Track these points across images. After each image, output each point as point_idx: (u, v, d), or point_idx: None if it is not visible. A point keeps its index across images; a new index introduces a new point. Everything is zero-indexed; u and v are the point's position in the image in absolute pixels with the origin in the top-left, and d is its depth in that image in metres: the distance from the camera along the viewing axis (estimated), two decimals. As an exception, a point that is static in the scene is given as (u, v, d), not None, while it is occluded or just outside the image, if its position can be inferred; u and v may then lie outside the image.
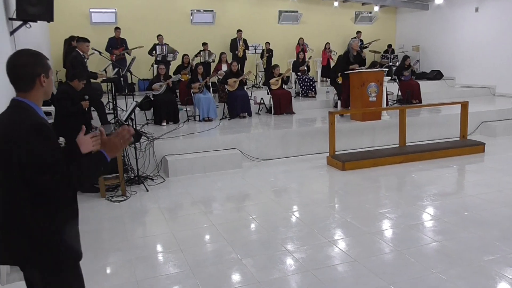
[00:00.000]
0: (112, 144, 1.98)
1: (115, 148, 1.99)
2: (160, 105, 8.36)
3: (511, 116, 9.37)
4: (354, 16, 15.44)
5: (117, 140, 1.98)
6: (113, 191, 5.79)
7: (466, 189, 5.74)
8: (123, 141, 2.00)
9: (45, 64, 1.96)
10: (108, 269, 3.71)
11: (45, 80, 1.94)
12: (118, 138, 1.99)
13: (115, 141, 1.98)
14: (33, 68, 1.91)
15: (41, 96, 1.97)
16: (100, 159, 1.95)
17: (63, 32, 10.47)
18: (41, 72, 1.92)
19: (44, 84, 1.94)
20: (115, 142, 1.98)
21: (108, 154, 1.96)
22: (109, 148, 1.97)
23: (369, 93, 8.24)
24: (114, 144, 1.98)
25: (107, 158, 1.96)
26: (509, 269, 3.42)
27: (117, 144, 1.98)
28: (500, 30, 12.04)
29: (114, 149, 1.99)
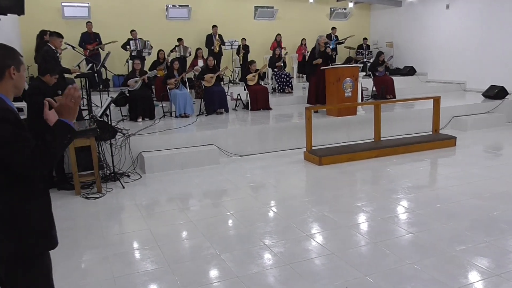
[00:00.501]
0: (66, 108, 1.95)
1: (70, 110, 1.96)
2: (135, 101, 8.26)
3: (481, 110, 9.67)
4: (329, 12, 15.57)
5: (68, 101, 1.95)
6: (88, 188, 5.70)
7: (438, 181, 5.90)
8: (75, 100, 1.96)
9: (16, 58, 1.96)
10: (85, 267, 3.66)
11: (15, 73, 1.94)
12: (69, 99, 1.95)
13: (67, 103, 1.95)
14: (3, 59, 1.92)
15: (10, 88, 1.95)
16: (62, 126, 1.93)
17: (35, 27, 10.19)
18: (11, 64, 1.92)
19: (13, 77, 1.94)
20: (67, 104, 1.95)
21: (67, 119, 1.95)
22: (66, 113, 1.95)
23: (344, 89, 8.34)
24: (67, 107, 1.95)
25: (68, 123, 1.94)
26: (479, 258, 3.54)
27: (70, 105, 1.95)
28: (470, 27, 12.36)
29: (70, 111, 1.96)
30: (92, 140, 5.54)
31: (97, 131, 5.61)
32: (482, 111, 9.66)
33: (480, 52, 12.07)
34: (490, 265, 3.42)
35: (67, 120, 1.95)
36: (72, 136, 1.98)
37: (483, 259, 3.51)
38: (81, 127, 5.59)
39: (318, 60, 8.83)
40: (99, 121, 5.96)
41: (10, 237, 1.89)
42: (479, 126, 9.12)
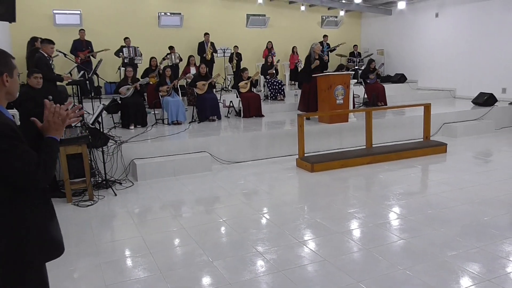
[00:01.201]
0: (53, 125, 1.95)
1: (58, 128, 1.96)
2: (127, 108, 8.24)
3: (470, 117, 9.78)
4: (320, 20, 15.70)
5: (56, 119, 1.95)
6: (80, 195, 5.66)
7: (429, 188, 5.94)
8: (62, 118, 1.96)
9: (8, 63, 1.91)
10: (76, 274, 3.63)
11: (8, 79, 1.89)
12: (56, 117, 1.95)
13: (54, 121, 1.95)
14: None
15: (3, 96, 1.91)
16: (52, 143, 1.93)
17: (26, 34, 10.17)
18: (3, 71, 1.87)
19: (6, 84, 1.89)
20: (54, 121, 1.95)
21: (54, 135, 1.95)
22: (53, 130, 1.95)
23: (336, 96, 8.39)
24: (54, 124, 1.95)
25: (55, 139, 1.95)
26: (470, 263, 3.57)
27: (57, 123, 1.95)
28: (459, 35, 12.53)
29: (57, 129, 1.96)
30: (83, 147, 5.51)
31: (88, 138, 5.58)
32: (471, 118, 9.78)
33: (470, 59, 12.24)
34: (481, 270, 3.45)
35: (55, 136, 1.96)
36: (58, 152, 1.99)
37: (474, 265, 3.54)
38: (72, 135, 5.57)
39: (316, 62, 8.87)
40: (91, 128, 5.94)
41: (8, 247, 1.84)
42: (469, 133, 9.22)
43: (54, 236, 2.01)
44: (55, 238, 2.01)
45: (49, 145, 1.93)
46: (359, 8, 14.93)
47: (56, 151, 1.95)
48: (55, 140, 1.96)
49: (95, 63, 10.13)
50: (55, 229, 2.03)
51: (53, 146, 1.94)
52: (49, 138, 1.95)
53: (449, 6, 12.87)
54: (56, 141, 1.96)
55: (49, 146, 1.93)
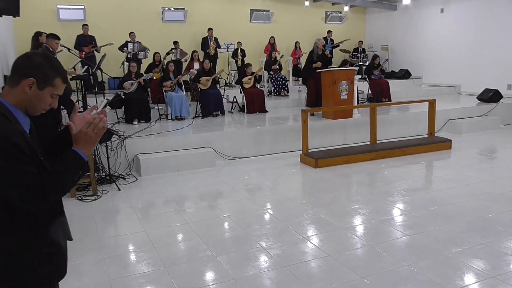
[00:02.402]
0: (85, 137, 1.66)
1: (90, 141, 1.67)
2: (131, 103, 8.24)
3: (475, 114, 9.72)
4: (324, 16, 15.63)
5: (90, 130, 1.67)
6: (84, 190, 5.68)
7: (434, 184, 5.92)
8: (98, 132, 1.68)
9: (46, 74, 1.66)
10: (80, 269, 3.63)
11: (32, 87, 1.64)
12: (91, 128, 1.67)
13: (88, 132, 1.66)
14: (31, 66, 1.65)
15: (21, 102, 1.66)
16: (75, 159, 1.65)
17: (29, 28, 10.15)
18: (33, 75, 1.64)
19: (28, 90, 1.64)
20: (88, 134, 1.66)
21: (82, 151, 1.66)
22: (83, 143, 1.67)
23: (340, 92, 8.36)
24: (87, 136, 1.67)
25: (82, 156, 1.66)
26: (475, 260, 3.55)
27: (91, 136, 1.67)
28: (464, 30, 12.45)
29: (89, 143, 1.67)
30: (87, 142, 5.50)
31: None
32: (476, 114, 9.72)
33: (475, 55, 12.16)
34: (486, 267, 3.43)
35: (81, 152, 1.66)
36: (83, 174, 1.68)
37: (478, 261, 3.53)
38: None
39: (317, 63, 8.83)
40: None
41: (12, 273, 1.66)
42: (474, 129, 9.17)
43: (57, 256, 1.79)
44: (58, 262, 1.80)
45: (69, 161, 1.64)
46: (364, 3, 14.85)
47: (73, 171, 1.64)
48: (78, 157, 1.65)
49: (99, 58, 10.12)
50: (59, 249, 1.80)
51: (73, 163, 1.64)
52: (75, 153, 1.66)
53: (454, 1, 12.78)
54: (80, 157, 1.66)
55: (69, 162, 1.64)
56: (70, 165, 1.64)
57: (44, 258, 1.72)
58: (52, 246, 1.75)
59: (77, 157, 1.66)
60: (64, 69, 1.76)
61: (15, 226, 1.65)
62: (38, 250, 1.70)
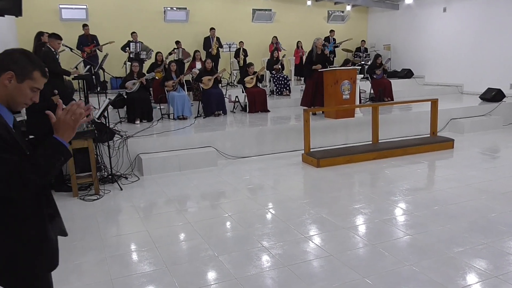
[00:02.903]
0: (63, 124, 1.71)
1: (68, 128, 1.71)
2: (133, 103, 8.25)
3: (478, 113, 9.70)
4: (327, 15, 15.61)
5: (68, 117, 1.70)
6: (86, 190, 5.69)
7: (436, 184, 5.90)
8: (75, 118, 1.72)
9: (24, 68, 1.72)
10: (82, 268, 3.64)
11: (12, 81, 1.70)
12: (69, 115, 1.71)
13: (66, 119, 1.70)
14: (9, 61, 1.71)
15: (3, 97, 1.72)
16: (55, 144, 1.69)
17: (32, 28, 10.16)
18: (11, 69, 1.70)
19: (7, 83, 1.70)
20: (66, 120, 1.70)
21: (62, 138, 1.70)
22: (62, 130, 1.71)
23: (342, 91, 8.35)
24: (65, 123, 1.71)
25: (62, 142, 1.70)
26: (477, 260, 3.54)
27: (69, 123, 1.71)
28: (467, 30, 12.41)
29: (68, 129, 1.71)
30: (89, 142, 5.53)
31: (95, 133, 5.60)
32: (479, 113, 9.69)
33: (477, 55, 12.12)
34: (488, 266, 3.42)
35: (61, 138, 1.70)
36: (65, 159, 1.72)
37: (481, 261, 3.52)
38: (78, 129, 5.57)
39: (317, 66, 8.81)
40: (97, 123, 5.95)
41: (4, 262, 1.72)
42: (477, 129, 9.14)
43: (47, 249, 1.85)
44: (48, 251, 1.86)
45: (51, 147, 1.69)
46: (366, 2, 14.83)
47: (55, 157, 1.69)
48: (58, 142, 1.70)
49: (101, 57, 10.14)
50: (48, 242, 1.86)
51: (53, 149, 1.69)
52: (55, 139, 1.70)
53: (456, 1, 12.74)
54: (60, 143, 1.70)
55: (50, 148, 1.69)
56: (50, 150, 1.69)
57: (34, 250, 1.78)
58: (41, 238, 1.81)
59: (57, 142, 1.70)
60: (42, 64, 1.82)
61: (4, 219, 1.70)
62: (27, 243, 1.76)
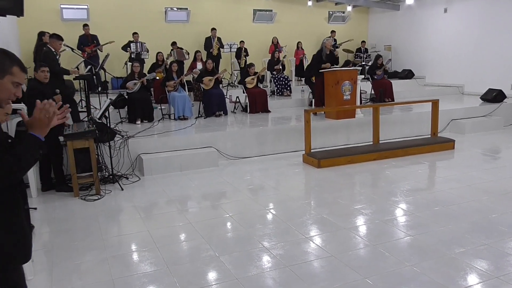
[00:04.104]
0: (38, 122, 1.86)
1: (43, 125, 1.86)
2: (134, 103, 8.26)
3: (479, 114, 9.69)
4: (327, 16, 15.62)
5: (42, 115, 1.85)
6: (87, 190, 5.69)
7: (437, 184, 5.90)
8: (49, 115, 1.86)
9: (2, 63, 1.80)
10: (83, 268, 3.64)
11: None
12: (43, 113, 1.86)
13: (40, 117, 1.86)
14: None
15: None
16: (32, 139, 1.83)
17: (33, 28, 10.20)
18: None
19: None
20: (40, 118, 1.86)
21: (37, 133, 1.85)
22: (37, 127, 1.86)
23: (343, 92, 8.35)
24: (40, 121, 1.86)
25: (38, 137, 1.84)
26: (478, 260, 3.54)
27: (42, 119, 1.85)
28: (468, 30, 12.41)
29: (43, 126, 1.86)
30: (91, 142, 5.53)
31: (96, 133, 5.60)
32: (480, 114, 9.69)
33: (478, 55, 12.12)
34: (489, 267, 3.42)
35: (38, 134, 1.85)
36: (43, 152, 1.88)
37: (482, 262, 3.51)
38: (80, 129, 5.59)
39: (326, 64, 8.80)
40: (98, 123, 5.96)
41: None
42: (477, 129, 9.14)
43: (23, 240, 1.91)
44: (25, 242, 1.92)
45: (29, 142, 1.83)
46: (367, 3, 14.84)
47: (33, 150, 1.83)
48: (35, 138, 1.84)
49: (102, 57, 10.15)
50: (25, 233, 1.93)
51: (31, 144, 1.83)
52: (31, 134, 1.84)
53: (457, 1, 12.75)
54: (37, 138, 1.84)
55: (29, 143, 1.83)
56: (29, 145, 1.83)
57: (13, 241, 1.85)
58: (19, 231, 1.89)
59: (34, 138, 1.84)
60: (20, 60, 1.89)
61: None
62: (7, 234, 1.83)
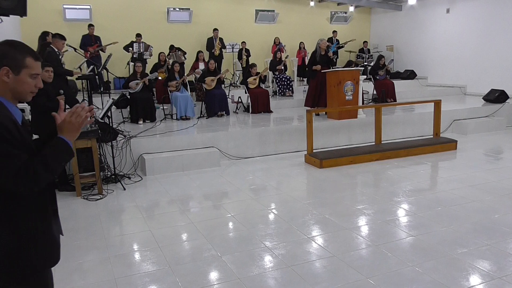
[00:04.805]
0: (69, 125, 1.79)
1: (73, 129, 1.80)
2: (136, 103, 8.27)
3: (481, 114, 9.67)
4: (330, 16, 15.61)
5: (73, 119, 1.79)
6: (89, 189, 5.71)
7: (439, 185, 5.89)
8: (80, 119, 1.80)
9: (15, 59, 1.74)
10: (85, 268, 3.65)
11: (10, 75, 1.73)
12: (74, 117, 1.80)
13: (71, 121, 1.79)
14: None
15: (7, 91, 1.76)
16: (62, 144, 1.77)
17: (36, 28, 10.19)
18: (4, 64, 1.72)
19: (6, 79, 1.73)
20: (71, 122, 1.79)
21: (67, 137, 1.78)
22: (67, 131, 1.79)
23: (345, 92, 8.35)
24: (70, 124, 1.79)
25: (67, 142, 1.78)
26: (480, 261, 3.53)
27: (73, 124, 1.79)
28: (470, 31, 12.39)
29: (73, 131, 1.80)
30: (93, 142, 5.54)
31: (98, 133, 5.61)
32: (482, 115, 9.67)
33: (481, 56, 12.10)
34: (491, 268, 3.42)
35: (67, 138, 1.79)
36: (69, 158, 1.82)
37: (484, 262, 3.51)
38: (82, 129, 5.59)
39: (317, 66, 8.80)
40: (100, 122, 5.97)
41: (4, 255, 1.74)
42: (480, 130, 9.12)
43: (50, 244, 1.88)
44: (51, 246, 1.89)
45: (56, 146, 1.77)
46: (369, 3, 14.81)
47: (62, 155, 1.77)
48: (65, 142, 1.78)
49: (105, 58, 10.16)
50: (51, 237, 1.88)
51: (60, 148, 1.77)
52: (60, 138, 1.78)
53: (460, 1, 12.72)
54: (66, 143, 1.78)
55: (56, 147, 1.77)
56: (57, 150, 1.76)
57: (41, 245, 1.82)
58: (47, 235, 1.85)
59: (63, 142, 1.78)
60: (31, 48, 1.83)
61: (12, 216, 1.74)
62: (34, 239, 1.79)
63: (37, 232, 1.81)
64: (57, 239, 1.92)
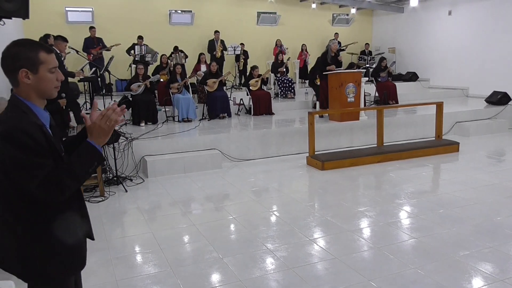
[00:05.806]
0: (98, 129, 1.70)
1: (103, 133, 1.71)
2: (138, 105, 8.27)
3: (484, 116, 9.66)
4: (331, 18, 15.61)
5: (103, 123, 1.70)
6: (91, 191, 5.71)
7: (441, 187, 5.87)
8: (110, 123, 1.71)
9: (29, 58, 1.68)
10: (87, 270, 3.61)
11: (30, 76, 1.69)
12: (104, 121, 1.70)
13: (101, 124, 1.70)
14: (13, 61, 1.68)
15: (31, 93, 1.71)
16: (90, 150, 1.70)
17: (38, 31, 10.22)
18: (21, 66, 1.67)
19: (27, 81, 1.69)
20: (101, 126, 1.70)
21: (96, 142, 1.71)
22: (96, 135, 1.71)
23: (347, 94, 8.34)
24: (100, 128, 1.70)
25: (96, 147, 1.71)
26: (483, 263, 3.52)
27: (104, 128, 1.70)
28: (472, 33, 12.38)
29: (102, 134, 1.71)
30: (95, 144, 5.54)
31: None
32: (485, 117, 9.66)
33: (483, 58, 12.08)
34: (494, 270, 3.40)
35: (96, 144, 1.71)
36: (98, 164, 1.75)
37: (487, 264, 3.50)
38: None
39: (331, 66, 8.80)
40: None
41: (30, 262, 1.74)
42: (482, 132, 9.11)
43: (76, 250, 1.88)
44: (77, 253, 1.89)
45: (84, 152, 1.70)
46: (371, 5, 14.82)
47: (90, 161, 1.70)
48: (93, 148, 1.70)
49: (107, 60, 10.18)
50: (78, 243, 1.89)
51: (88, 154, 1.70)
52: (89, 144, 1.71)
53: (462, 3, 12.71)
54: (94, 149, 1.70)
55: (83, 153, 1.70)
56: (85, 156, 1.70)
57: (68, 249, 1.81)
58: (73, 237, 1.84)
59: (91, 148, 1.71)
60: (40, 42, 1.80)
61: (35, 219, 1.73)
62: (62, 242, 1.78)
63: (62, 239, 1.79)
64: (83, 242, 1.93)
